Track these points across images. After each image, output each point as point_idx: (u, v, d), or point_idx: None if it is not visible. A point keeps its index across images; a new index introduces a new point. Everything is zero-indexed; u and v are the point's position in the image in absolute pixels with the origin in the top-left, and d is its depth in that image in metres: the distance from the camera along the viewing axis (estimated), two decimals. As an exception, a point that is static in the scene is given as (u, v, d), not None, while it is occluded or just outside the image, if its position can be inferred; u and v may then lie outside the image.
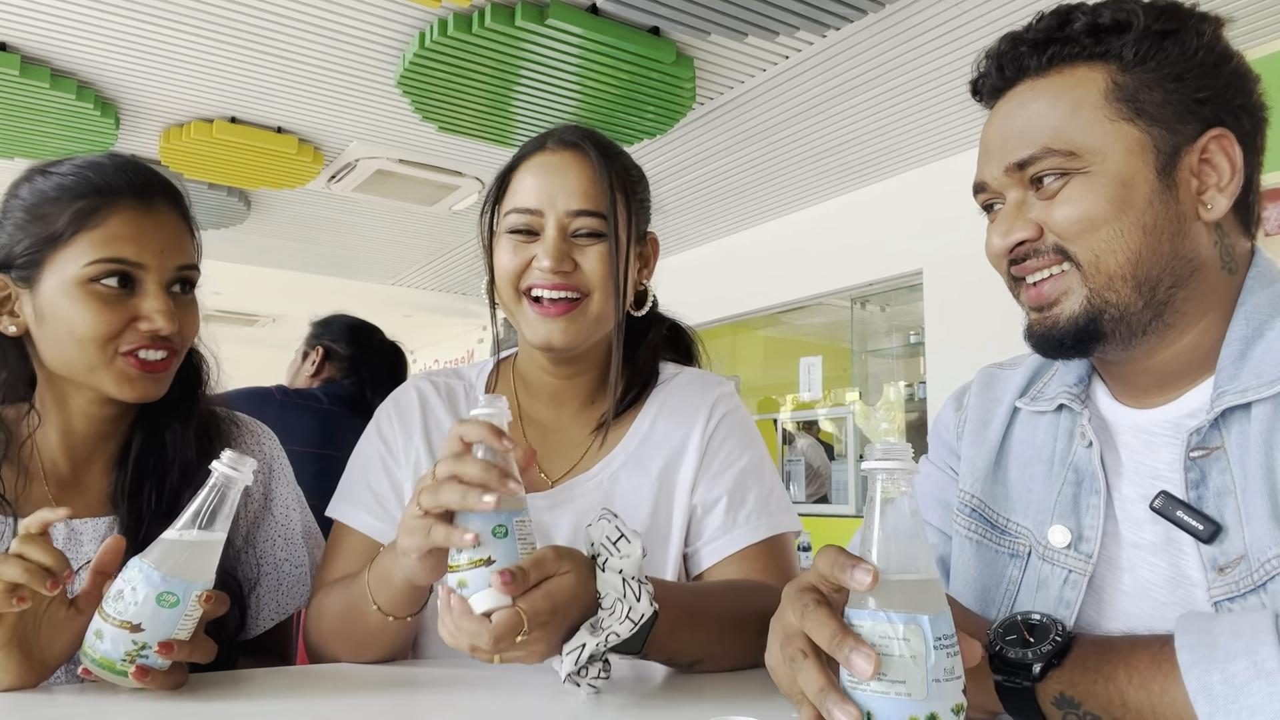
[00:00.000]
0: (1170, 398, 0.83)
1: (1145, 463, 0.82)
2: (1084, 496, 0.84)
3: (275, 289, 7.07)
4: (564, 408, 1.17)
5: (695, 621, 0.91)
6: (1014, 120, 0.84)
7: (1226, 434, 0.76)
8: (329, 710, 0.82)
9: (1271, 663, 0.57)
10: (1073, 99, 0.80)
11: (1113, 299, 0.79)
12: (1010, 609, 0.87)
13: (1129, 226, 0.78)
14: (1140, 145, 0.78)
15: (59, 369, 1.02)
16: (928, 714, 0.55)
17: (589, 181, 1.07)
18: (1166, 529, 0.78)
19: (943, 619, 0.57)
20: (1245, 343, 0.78)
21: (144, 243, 1.00)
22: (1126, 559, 0.80)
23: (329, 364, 2.64)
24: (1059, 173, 0.80)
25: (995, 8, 3.23)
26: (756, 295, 5.85)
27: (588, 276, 1.06)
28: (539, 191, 1.07)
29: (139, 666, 0.80)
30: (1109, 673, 0.65)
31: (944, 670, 0.56)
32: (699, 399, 1.16)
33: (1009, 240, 0.82)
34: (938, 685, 0.56)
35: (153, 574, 0.80)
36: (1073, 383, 0.90)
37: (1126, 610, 0.80)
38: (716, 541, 1.09)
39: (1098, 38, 0.81)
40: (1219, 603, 0.72)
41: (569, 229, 1.07)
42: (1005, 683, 0.68)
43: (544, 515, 1.09)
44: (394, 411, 1.19)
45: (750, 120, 4.16)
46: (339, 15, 3.21)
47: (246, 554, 1.13)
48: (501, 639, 0.75)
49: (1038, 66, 0.84)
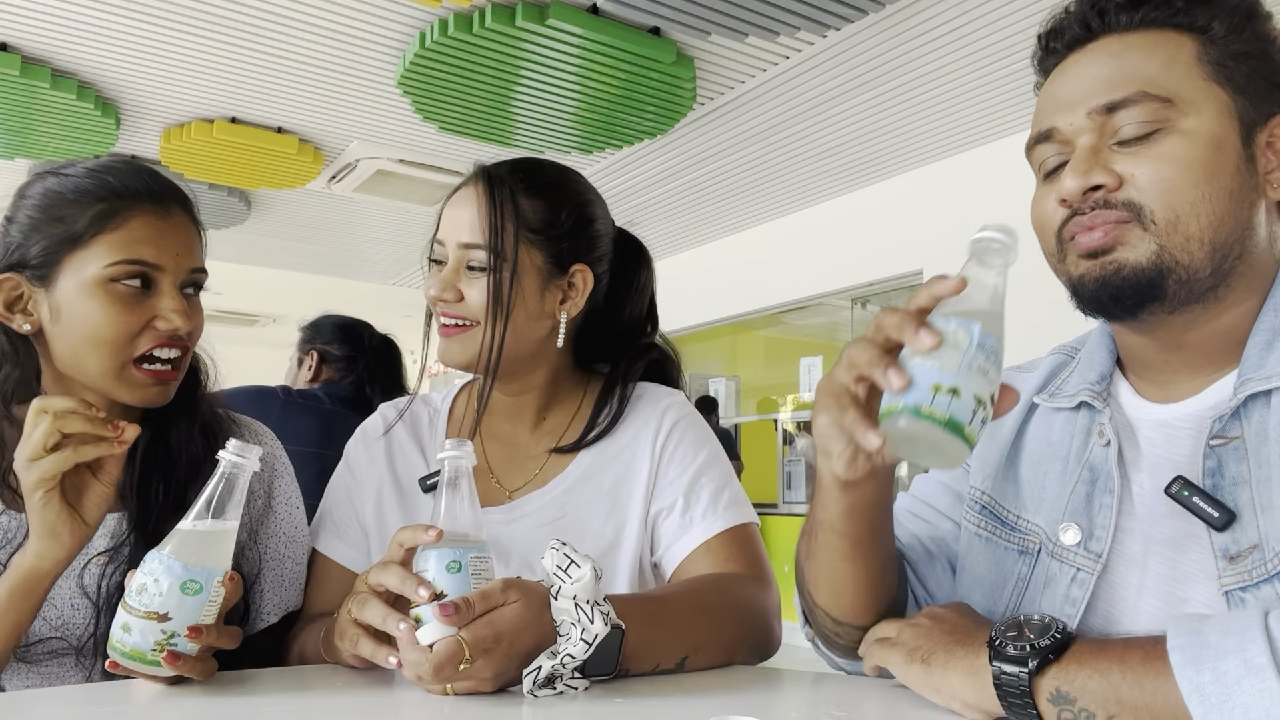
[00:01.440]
0: (1194, 390, 0.83)
1: (1166, 456, 0.81)
2: (1097, 495, 0.84)
3: (275, 289, 7.08)
4: (519, 423, 1.21)
5: (664, 622, 0.92)
6: (1103, 68, 0.81)
7: (1246, 423, 0.76)
8: (329, 710, 0.82)
9: (1261, 659, 0.57)
10: (1166, 53, 0.79)
11: (1185, 260, 0.77)
12: (1018, 606, 0.87)
13: (1217, 191, 0.77)
14: (1229, 110, 0.78)
15: (68, 369, 1.03)
16: (952, 386, 0.67)
17: (477, 216, 1.13)
18: (1186, 523, 0.78)
19: (991, 338, 0.69)
20: (1273, 333, 0.78)
21: (162, 245, 1.03)
22: (1142, 553, 0.80)
23: (325, 367, 2.65)
24: (1150, 125, 0.78)
25: (995, 8, 3.23)
26: (757, 295, 5.86)
27: (470, 306, 1.12)
28: (445, 223, 1.15)
29: (170, 652, 0.81)
30: (1104, 669, 0.65)
31: (979, 367, 0.68)
32: (649, 411, 1.19)
33: (1088, 180, 0.78)
34: (970, 371, 0.68)
35: (174, 564, 0.82)
36: (1095, 380, 0.89)
37: (1143, 606, 0.79)
38: (678, 542, 1.11)
39: (1190, 5, 0.80)
40: (1230, 592, 0.73)
41: (464, 261, 1.13)
42: (1003, 677, 0.68)
43: (500, 529, 1.12)
44: (360, 440, 1.25)
45: (750, 121, 4.17)
46: (339, 15, 3.21)
47: (250, 550, 1.14)
48: (442, 668, 0.77)
49: (1127, 23, 0.81)
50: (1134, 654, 0.64)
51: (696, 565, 1.09)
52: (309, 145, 4.41)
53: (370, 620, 0.83)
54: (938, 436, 0.67)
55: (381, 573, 0.84)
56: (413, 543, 0.84)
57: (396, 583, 0.82)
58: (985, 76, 3.70)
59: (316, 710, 0.83)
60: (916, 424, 0.67)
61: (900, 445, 0.70)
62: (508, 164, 1.18)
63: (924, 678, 0.74)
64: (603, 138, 4.07)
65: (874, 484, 0.79)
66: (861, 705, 0.81)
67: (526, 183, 1.15)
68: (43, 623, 0.98)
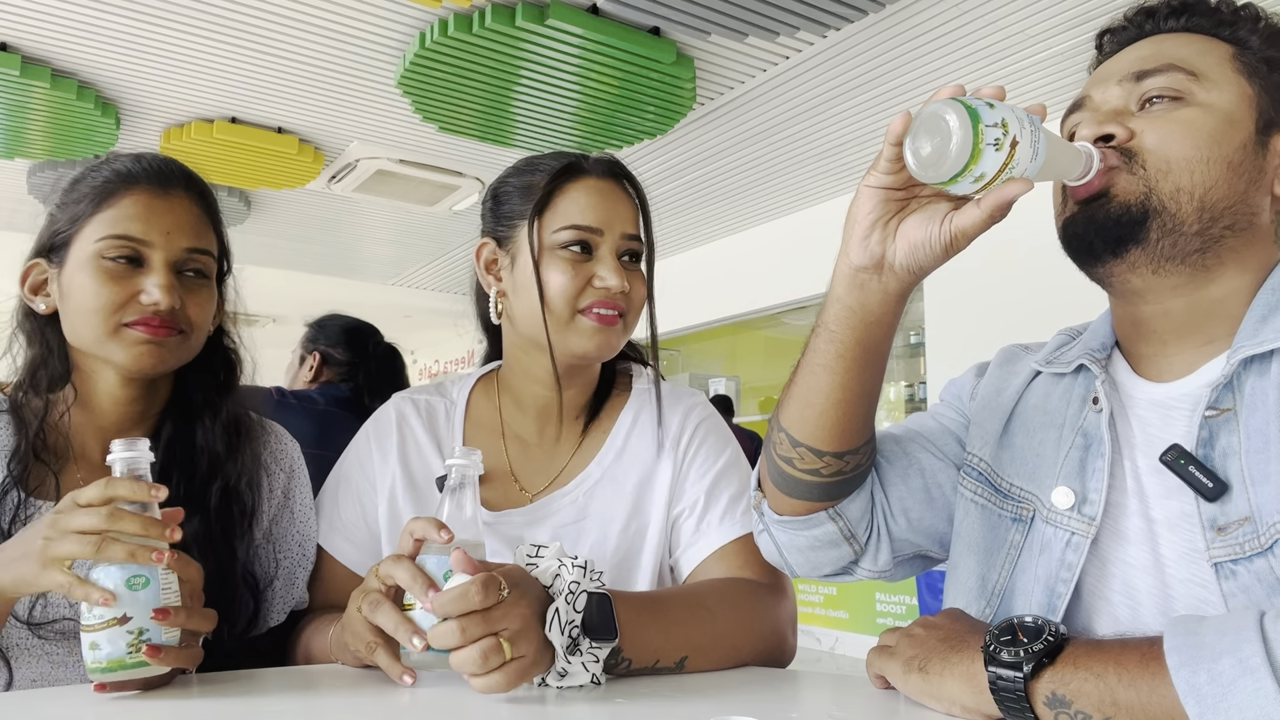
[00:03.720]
0: (1188, 369, 0.83)
1: (1160, 435, 0.82)
2: (1090, 460, 0.84)
3: (275, 289, 7.08)
4: (549, 423, 1.19)
5: (663, 615, 0.92)
6: (1141, 50, 0.87)
7: (1239, 395, 0.77)
8: (329, 710, 0.83)
9: (1256, 659, 0.58)
10: (1202, 45, 0.86)
11: (1172, 209, 0.80)
12: (1012, 573, 0.87)
13: (1217, 157, 0.81)
14: (1251, 100, 0.83)
15: (75, 343, 1.06)
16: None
17: (634, 210, 1.15)
18: (1180, 504, 0.78)
19: None
20: (1269, 309, 0.79)
21: (152, 222, 1.05)
22: (1137, 532, 0.80)
23: (326, 369, 2.63)
24: (1174, 95, 0.83)
25: (995, 7, 3.24)
26: (757, 295, 5.86)
27: (632, 298, 1.13)
28: (597, 211, 1.12)
29: (149, 646, 0.81)
30: (1099, 671, 0.65)
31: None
32: (671, 412, 1.19)
33: (1100, 129, 0.83)
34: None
35: (111, 569, 0.81)
36: (1096, 347, 0.91)
37: (1137, 585, 0.80)
38: (694, 546, 1.11)
39: (1235, 19, 0.87)
40: (1220, 564, 0.73)
41: (620, 251, 1.13)
42: (999, 681, 0.68)
43: (523, 530, 1.11)
44: (372, 433, 1.22)
45: (750, 121, 4.17)
46: (339, 15, 3.21)
47: (265, 549, 1.15)
48: (488, 658, 0.77)
49: (1174, 27, 0.88)
50: (1130, 656, 0.65)
51: (711, 570, 1.08)
52: (309, 145, 4.41)
53: (382, 625, 0.84)
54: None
55: (393, 567, 0.85)
56: (422, 535, 0.85)
57: (407, 579, 0.83)
58: (985, 76, 3.70)
59: (317, 710, 0.83)
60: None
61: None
62: (614, 160, 1.19)
63: (922, 686, 0.75)
64: (602, 138, 4.08)
65: (883, 294, 0.82)
66: (862, 705, 0.81)
67: (635, 181, 1.20)
68: (62, 600, 0.98)
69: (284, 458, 1.21)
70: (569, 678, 0.82)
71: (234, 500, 1.10)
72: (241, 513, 1.11)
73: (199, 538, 1.03)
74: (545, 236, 1.12)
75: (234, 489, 1.11)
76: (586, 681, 0.83)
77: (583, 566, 0.84)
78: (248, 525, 1.12)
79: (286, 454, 1.21)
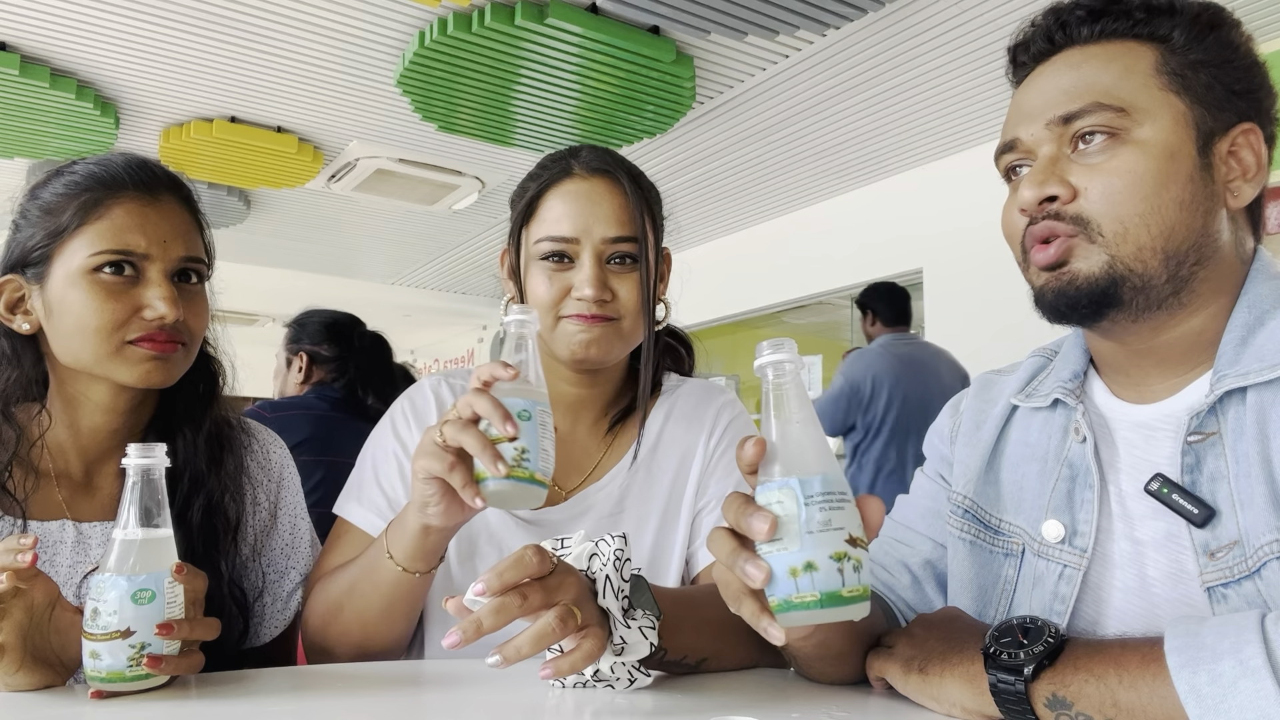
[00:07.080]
0: (1170, 391, 0.83)
1: (1145, 458, 0.82)
2: (1078, 491, 0.84)
3: (275, 289, 7.07)
4: (579, 420, 1.19)
5: (695, 608, 0.92)
6: (1061, 79, 0.83)
7: (1223, 419, 0.76)
8: (329, 710, 0.83)
9: (1256, 660, 0.58)
10: (1124, 64, 0.81)
11: (1139, 268, 0.78)
12: (1008, 609, 0.87)
13: (1167, 202, 0.78)
14: (1185, 119, 0.80)
15: (70, 362, 1.02)
16: (804, 562, 0.63)
17: (622, 209, 1.10)
18: (1166, 524, 0.78)
19: (814, 480, 0.65)
20: (1247, 329, 0.78)
21: (147, 232, 1.00)
22: (1124, 555, 0.80)
23: (316, 368, 2.60)
24: (1106, 132, 0.79)
25: (994, 7, 3.23)
26: (756, 295, 5.85)
27: (623, 303, 1.10)
28: (573, 219, 1.09)
29: (150, 658, 0.80)
30: (1100, 673, 0.65)
31: (819, 523, 0.63)
32: (704, 408, 1.19)
33: (1043, 191, 0.80)
34: (812, 537, 0.63)
35: (118, 580, 0.80)
36: (1068, 378, 0.90)
37: (1125, 608, 0.80)
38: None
39: (1150, 16, 0.82)
40: (1212, 589, 0.73)
41: (604, 256, 1.09)
42: (999, 684, 0.68)
43: (561, 527, 1.11)
44: (409, 410, 1.19)
45: (750, 119, 4.17)
46: (339, 15, 3.21)
47: (253, 563, 1.13)
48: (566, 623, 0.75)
49: (1088, 36, 0.84)
50: (1130, 657, 0.65)
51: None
52: (309, 145, 4.40)
53: (465, 445, 0.80)
54: (830, 614, 0.63)
55: (475, 398, 0.81)
56: (489, 376, 0.82)
57: (487, 408, 0.79)
58: (985, 76, 3.70)
59: (317, 710, 0.83)
60: (810, 614, 0.63)
61: (813, 630, 0.71)
62: (610, 154, 1.15)
63: (922, 687, 0.75)
64: (602, 137, 4.07)
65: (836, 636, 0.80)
66: (861, 705, 0.81)
67: (637, 171, 1.16)
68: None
69: (271, 465, 1.17)
70: (628, 650, 0.80)
71: (216, 515, 1.07)
72: (225, 528, 1.08)
73: (182, 556, 1.01)
74: (529, 248, 1.12)
75: (217, 504, 1.07)
76: (645, 654, 0.80)
77: (622, 536, 0.83)
78: (231, 540, 1.09)
79: (273, 461, 1.18)
